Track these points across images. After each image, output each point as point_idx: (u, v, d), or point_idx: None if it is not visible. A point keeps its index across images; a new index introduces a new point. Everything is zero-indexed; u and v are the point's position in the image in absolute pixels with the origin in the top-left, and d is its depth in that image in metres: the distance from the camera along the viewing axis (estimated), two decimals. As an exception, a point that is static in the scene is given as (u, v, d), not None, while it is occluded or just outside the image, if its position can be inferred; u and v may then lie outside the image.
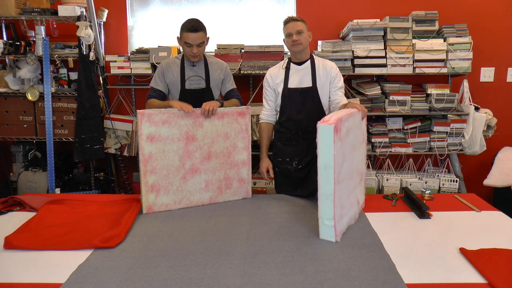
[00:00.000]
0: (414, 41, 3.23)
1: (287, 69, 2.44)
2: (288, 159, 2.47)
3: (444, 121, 3.30)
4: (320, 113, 2.40)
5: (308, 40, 2.39)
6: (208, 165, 2.27)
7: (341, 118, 1.79)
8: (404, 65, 3.23)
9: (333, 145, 1.70)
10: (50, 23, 3.19)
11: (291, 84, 2.42)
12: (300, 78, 2.41)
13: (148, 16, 3.64)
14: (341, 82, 2.44)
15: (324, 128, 1.71)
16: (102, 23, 3.48)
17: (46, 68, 3.23)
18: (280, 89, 2.43)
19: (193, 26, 2.35)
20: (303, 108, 2.40)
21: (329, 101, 2.43)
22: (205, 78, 2.53)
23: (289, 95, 2.41)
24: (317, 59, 2.45)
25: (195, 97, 2.44)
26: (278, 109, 2.48)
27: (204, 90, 2.53)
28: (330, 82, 2.41)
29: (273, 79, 2.47)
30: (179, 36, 2.44)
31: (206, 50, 2.56)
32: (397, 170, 3.46)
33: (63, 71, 3.36)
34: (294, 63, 2.44)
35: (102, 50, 3.38)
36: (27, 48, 3.28)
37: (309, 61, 2.43)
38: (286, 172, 2.48)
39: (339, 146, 1.75)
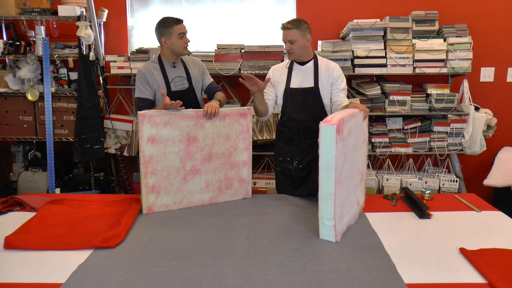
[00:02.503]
0: (414, 41, 3.23)
1: (290, 69, 2.44)
2: (289, 158, 2.47)
3: (444, 121, 3.30)
4: (322, 113, 2.39)
5: (305, 45, 2.34)
6: (208, 166, 2.27)
7: (344, 119, 1.79)
8: (404, 65, 3.23)
9: (335, 145, 1.70)
10: (50, 23, 3.19)
11: (293, 84, 2.42)
12: (302, 78, 2.41)
13: (148, 16, 3.64)
14: (343, 84, 2.43)
15: (326, 128, 1.71)
16: (102, 23, 3.48)
17: (46, 68, 3.23)
18: (281, 88, 2.43)
19: (179, 18, 2.42)
20: (304, 108, 2.40)
21: (331, 102, 2.42)
22: (186, 77, 2.51)
23: (290, 95, 2.41)
24: (320, 60, 2.45)
25: (181, 98, 2.34)
26: (280, 109, 2.48)
27: (188, 90, 2.51)
28: (332, 83, 2.40)
29: (275, 76, 2.46)
30: (164, 36, 2.38)
31: (205, 50, 2.56)
32: (397, 170, 3.46)
33: (63, 71, 3.35)
34: (297, 63, 2.44)
35: (102, 50, 3.38)
36: (27, 48, 3.28)
37: (312, 61, 2.43)
38: (286, 172, 2.49)
39: (340, 147, 1.75)
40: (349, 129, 1.86)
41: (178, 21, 2.40)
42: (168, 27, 2.38)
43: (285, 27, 2.33)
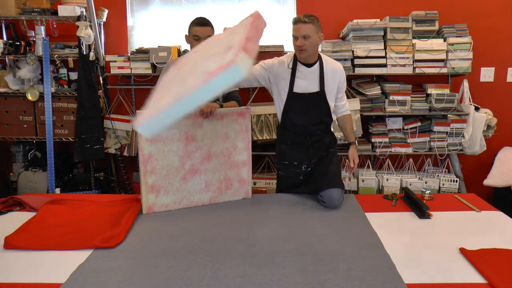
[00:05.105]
0: (414, 41, 3.23)
1: (293, 70, 2.28)
2: (296, 162, 2.39)
3: (444, 121, 3.30)
4: (326, 116, 2.35)
5: (317, 43, 2.23)
6: (208, 166, 2.27)
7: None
8: (404, 65, 3.23)
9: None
10: (50, 23, 3.19)
11: (297, 89, 2.28)
12: (307, 82, 2.28)
13: (148, 16, 3.64)
14: (345, 85, 2.40)
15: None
16: (102, 23, 3.48)
17: (46, 68, 3.23)
18: (282, 89, 2.31)
19: (202, 20, 2.38)
20: (309, 112, 2.31)
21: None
22: None
23: (295, 99, 2.30)
24: (325, 61, 2.32)
25: None
26: (279, 109, 2.38)
27: None
28: (338, 87, 2.35)
29: (279, 69, 2.30)
30: (187, 34, 2.44)
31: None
32: (397, 170, 3.46)
33: (63, 71, 3.35)
34: (303, 64, 2.28)
35: (102, 50, 3.38)
36: (27, 48, 3.28)
37: (317, 63, 2.29)
38: (293, 175, 2.42)
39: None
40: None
41: (199, 24, 2.36)
42: (191, 25, 2.40)
43: (300, 20, 2.16)
